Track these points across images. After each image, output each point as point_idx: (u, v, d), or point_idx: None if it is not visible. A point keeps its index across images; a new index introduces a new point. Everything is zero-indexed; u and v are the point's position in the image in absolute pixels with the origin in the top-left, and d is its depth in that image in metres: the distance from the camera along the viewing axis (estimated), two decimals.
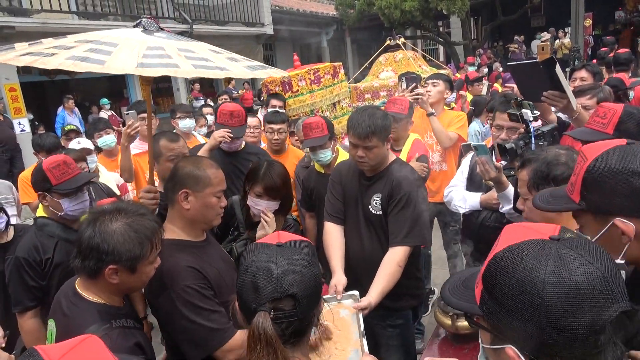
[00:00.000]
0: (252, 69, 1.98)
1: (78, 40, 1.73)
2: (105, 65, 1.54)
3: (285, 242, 1.18)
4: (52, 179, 2.34)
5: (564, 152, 1.66)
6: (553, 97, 2.32)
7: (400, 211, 2.29)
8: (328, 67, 5.15)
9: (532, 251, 0.81)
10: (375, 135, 2.25)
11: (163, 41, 1.83)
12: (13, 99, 9.16)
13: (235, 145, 3.15)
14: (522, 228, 0.89)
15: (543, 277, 0.77)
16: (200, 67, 1.73)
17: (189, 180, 1.84)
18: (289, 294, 1.10)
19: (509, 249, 0.84)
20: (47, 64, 1.53)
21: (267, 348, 1.07)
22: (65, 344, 0.84)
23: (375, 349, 2.55)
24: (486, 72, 11.91)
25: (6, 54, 1.64)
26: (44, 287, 2.35)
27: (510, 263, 0.82)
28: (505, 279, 0.81)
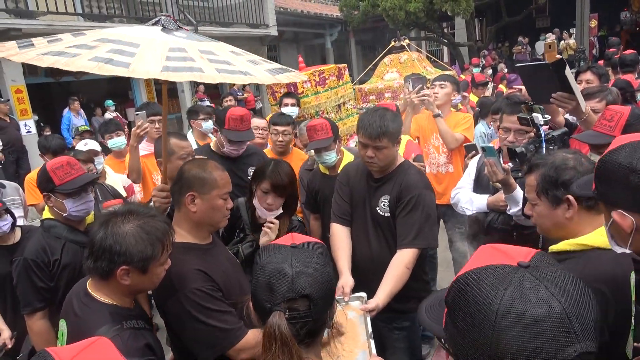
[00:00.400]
0: (273, 73, 1.97)
1: (99, 39, 1.71)
2: (130, 69, 1.53)
3: (300, 244, 1.19)
4: (55, 180, 2.35)
5: (571, 156, 1.63)
6: (562, 99, 2.30)
7: (409, 213, 2.29)
8: (333, 69, 5.16)
9: (492, 277, 0.76)
10: (386, 136, 2.25)
11: (184, 42, 1.82)
12: (19, 100, 9.21)
13: (240, 151, 3.11)
14: (495, 251, 0.84)
15: (497, 307, 0.72)
16: (224, 71, 1.72)
17: (196, 182, 1.85)
18: (304, 295, 1.11)
19: (470, 272, 0.79)
20: (71, 65, 1.51)
21: (283, 348, 1.08)
22: (75, 346, 0.85)
23: (382, 351, 2.54)
24: (490, 73, 11.88)
25: (26, 52, 1.62)
26: (52, 288, 2.37)
27: (468, 288, 0.77)
28: (462, 305, 0.76)
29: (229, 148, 3.04)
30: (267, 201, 2.36)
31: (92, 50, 1.60)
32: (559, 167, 1.57)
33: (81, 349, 0.83)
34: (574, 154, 1.65)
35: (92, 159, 3.63)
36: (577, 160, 1.59)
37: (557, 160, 1.60)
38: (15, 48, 1.67)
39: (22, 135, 9.06)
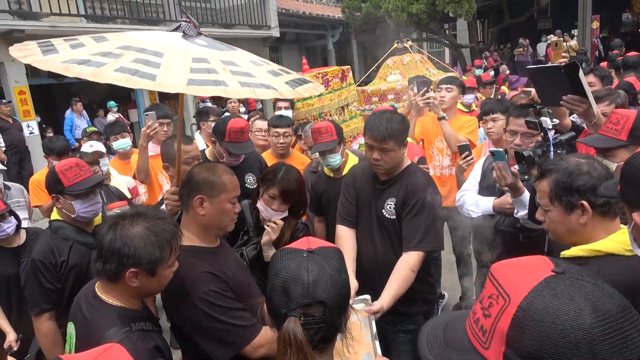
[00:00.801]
0: (293, 86, 1.96)
1: (122, 46, 1.69)
2: (157, 82, 1.53)
3: (316, 249, 1.19)
4: (64, 181, 2.37)
5: (584, 161, 1.60)
6: (573, 102, 2.30)
7: (415, 216, 2.30)
8: (336, 71, 5.16)
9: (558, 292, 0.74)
10: (392, 138, 2.25)
11: (206, 51, 1.81)
12: (22, 101, 9.22)
13: (239, 161, 3.09)
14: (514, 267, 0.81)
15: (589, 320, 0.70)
16: (247, 84, 1.71)
17: (205, 186, 1.85)
18: (319, 301, 1.11)
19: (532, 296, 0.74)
20: (98, 76, 1.50)
21: (298, 353, 1.08)
22: (88, 354, 0.85)
23: (387, 354, 2.55)
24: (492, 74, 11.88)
25: (52, 59, 1.59)
26: (59, 290, 2.38)
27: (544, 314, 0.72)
28: (544, 332, 0.71)
29: (229, 159, 3.02)
30: (272, 206, 2.37)
31: (117, 59, 1.59)
32: (573, 173, 1.56)
33: (95, 356, 0.83)
34: (586, 158, 1.63)
35: (97, 161, 3.64)
36: (591, 165, 1.58)
37: (570, 166, 1.58)
38: (38, 53, 1.64)
39: (25, 136, 9.07)
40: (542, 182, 1.65)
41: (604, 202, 1.51)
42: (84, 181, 2.40)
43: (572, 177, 1.55)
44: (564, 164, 1.61)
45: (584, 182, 1.53)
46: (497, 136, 3.31)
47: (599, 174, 1.54)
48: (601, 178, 1.53)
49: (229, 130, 2.94)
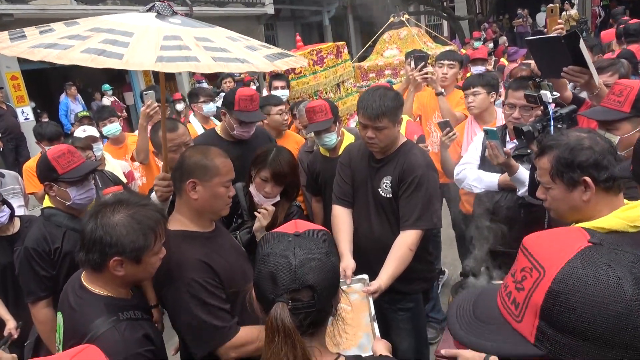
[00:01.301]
0: (271, 59, 1.91)
1: (92, 28, 1.66)
2: (123, 60, 1.49)
3: (303, 232, 1.15)
4: (58, 169, 2.33)
5: (586, 135, 1.53)
6: (574, 73, 2.23)
7: (412, 194, 2.26)
8: (331, 47, 5.06)
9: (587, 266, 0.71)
10: (386, 116, 2.20)
11: (179, 29, 1.76)
12: (15, 87, 9.13)
13: (250, 132, 2.99)
14: (548, 239, 0.79)
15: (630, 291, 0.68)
16: (220, 59, 1.67)
17: (197, 169, 1.81)
18: (307, 285, 1.08)
19: (569, 268, 0.72)
20: (63, 58, 1.47)
21: (286, 339, 1.05)
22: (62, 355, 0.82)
23: (386, 332, 2.55)
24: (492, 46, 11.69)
25: (18, 45, 1.56)
26: (55, 277, 2.36)
27: (581, 285, 0.70)
28: (582, 305, 0.70)
29: (240, 130, 2.91)
30: (265, 189, 2.32)
31: (85, 41, 1.55)
32: (575, 148, 1.50)
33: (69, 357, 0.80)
34: (588, 132, 1.58)
35: (90, 146, 3.59)
36: (593, 139, 1.52)
37: (571, 141, 1.53)
38: (7, 40, 1.62)
39: (20, 122, 9.00)
40: (542, 159, 1.59)
41: (607, 177, 1.46)
42: (78, 168, 2.36)
43: (574, 152, 1.49)
44: (565, 139, 1.55)
45: (586, 158, 1.47)
46: (477, 110, 3.25)
47: (602, 148, 1.49)
48: (604, 152, 1.48)
49: (237, 99, 2.87)
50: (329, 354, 1.17)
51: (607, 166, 1.46)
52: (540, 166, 1.61)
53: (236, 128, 2.90)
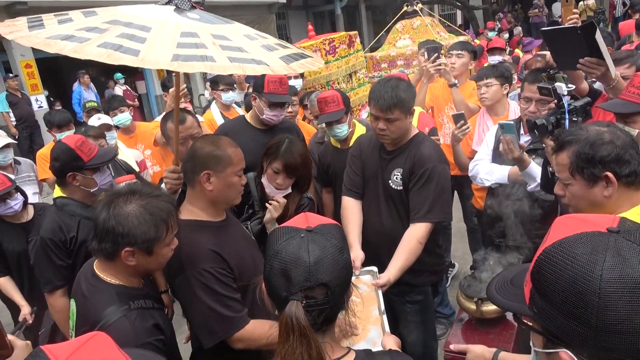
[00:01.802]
0: (287, 61, 1.89)
1: (110, 20, 1.65)
2: (139, 58, 1.48)
3: (315, 227, 1.14)
4: (83, 157, 2.36)
5: (605, 129, 1.50)
6: (591, 64, 2.19)
7: (422, 187, 2.24)
8: (343, 37, 5.01)
9: (587, 245, 0.74)
10: (398, 107, 2.18)
11: (197, 25, 1.75)
12: (29, 75, 9.21)
13: (280, 118, 2.95)
14: (576, 220, 0.81)
15: (599, 273, 0.69)
16: (236, 60, 1.66)
17: (210, 161, 1.81)
18: (322, 283, 1.07)
19: (560, 243, 0.76)
20: (79, 52, 1.45)
21: (301, 339, 1.04)
22: (72, 343, 0.82)
23: (394, 324, 2.55)
24: (507, 37, 11.51)
25: (36, 35, 1.55)
26: (71, 265, 2.39)
27: (561, 259, 0.74)
28: (556, 276, 0.74)
29: (269, 114, 2.84)
30: (276, 180, 2.32)
31: (102, 34, 1.54)
32: (595, 143, 1.46)
33: (78, 346, 0.80)
34: (607, 126, 1.53)
35: (103, 134, 3.62)
36: (613, 133, 1.48)
37: (591, 135, 1.49)
38: (25, 29, 1.61)
39: (34, 110, 9.10)
40: (560, 154, 1.55)
41: (629, 171, 1.43)
42: (98, 155, 2.42)
43: (595, 147, 1.45)
44: (584, 133, 1.51)
45: (607, 152, 1.44)
46: (490, 102, 3.20)
47: (623, 142, 1.45)
48: (625, 146, 1.44)
49: (267, 81, 2.86)
50: (340, 349, 1.17)
51: (629, 160, 1.43)
52: (558, 162, 1.57)
53: (265, 112, 2.85)
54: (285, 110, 2.98)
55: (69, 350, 0.80)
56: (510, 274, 0.97)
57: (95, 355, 0.80)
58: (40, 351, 0.80)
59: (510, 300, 0.90)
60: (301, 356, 1.04)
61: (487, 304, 2.11)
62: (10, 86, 8.69)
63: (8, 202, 2.92)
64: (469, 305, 2.20)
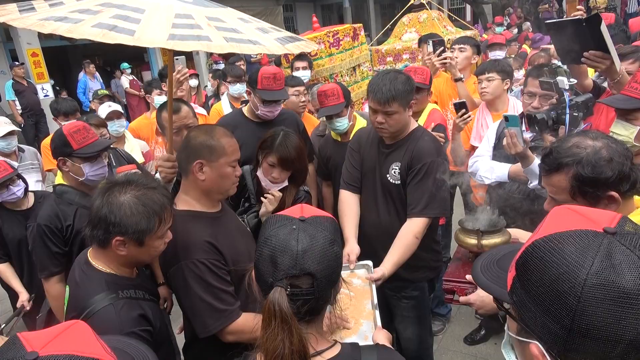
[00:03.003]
0: (282, 42, 1.88)
1: (103, 3, 1.65)
2: (135, 37, 1.47)
3: (309, 217, 1.14)
4: (73, 144, 2.35)
5: (600, 144, 1.42)
6: (595, 58, 2.14)
7: (420, 181, 2.22)
8: (348, 29, 4.97)
9: (577, 244, 0.70)
10: (396, 100, 2.15)
11: (191, 7, 1.75)
12: (35, 64, 9.23)
13: (275, 114, 2.91)
14: (573, 213, 0.78)
15: (584, 277, 0.67)
16: (232, 40, 1.66)
17: (203, 150, 1.80)
18: (308, 272, 1.07)
19: (550, 237, 0.74)
20: (74, 32, 1.46)
21: (282, 325, 1.04)
22: (49, 331, 0.82)
23: (390, 320, 2.54)
24: (516, 32, 11.38)
25: (27, 17, 1.55)
26: (67, 253, 2.41)
27: (549, 254, 0.72)
28: (540, 271, 0.72)
29: (263, 110, 2.81)
30: (272, 174, 2.30)
31: (95, 15, 1.54)
32: (597, 165, 1.39)
33: (56, 334, 0.80)
34: (599, 139, 1.45)
35: (105, 124, 3.63)
36: (608, 147, 1.41)
37: (589, 155, 1.40)
38: (16, 12, 1.61)
39: (40, 99, 9.13)
40: (556, 176, 1.47)
41: (630, 185, 1.40)
42: (92, 144, 2.39)
43: (597, 169, 1.39)
44: (581, 152, 1.42)
45: (611, 173, 1.38)
46: (490, 97, 3.16)
47: (620, 155, 1.40)
48: (623, 159, 1.39)
49: (260, 77, 2.81)
50: (325, 342, 1.16)
51: (629, 174, 1.39)
52: (553, 184, 1.49)
53: (260, 107, 2.83)
54: (280, 105, 2.93)
55: (46, 339, 0.79)
56: (498, 254, 0.96)
57: (72, 343, 0.80)
58: (17, 339, 0.79)
59: (493, 282, 0.88)
60: (282, 342, 1.03)
61: (488, 237, 1.96)
62: (16, 74, 8.72)
63: (11, 188, 2.96)
64: (468, 241, 2.03)
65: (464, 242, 2.04)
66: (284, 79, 2.98)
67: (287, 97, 3.07)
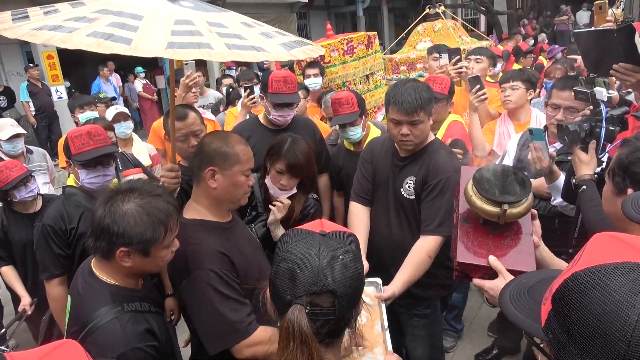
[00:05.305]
0: (287, 48, 1.81)
1: (99, 10, 1.59)
2: (132, 46, 1.41)
3: (330, 232, 1.07)
4: (72, 148, 2.32)
5: None
6: (625, 71, 2.04)
7: (435, 197, 2.13)
8: (362, 37, 4.92)
9: (626, 279, 0.63)
10: (423, 108, 2.07)
11: (191, 13, 1.69)
12: (51, 66, 9.30)
13: (287, 119, 2.85)
14: (617, 242, 0.70)
15: (636, 318, 0.60)
16: (235, 47, 1.59)
17: (217, 157, 1.73)
18: (329, 290, 0.99)
19: (594, 270, 0.66)
20: (67, 42, 1.40)
21: (302, 347, 0.96)
22: (37, 351, 0.76)
23: (400, 337, 2.45)
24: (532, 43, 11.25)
25: (20, 27, 1.50)
26: (70, 255, 2.37)
27: (592, 290, 0.65)
28: (582, 309, 0.65)
29: (275, 114, 2.77)
30: (280, 181, 2.24)
31: (91, 23, 1.48)
32: (634, 156, 1.40)
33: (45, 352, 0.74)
34: None
35: (112, 127, 3.60)
36: None
37: None
38: (9, 21, 1.56)
39: (54, 101, 9.20)
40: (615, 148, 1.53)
41: None
42: (90, 151, 2.32)
43: (630, 158, 1.40)
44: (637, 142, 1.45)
45: (639, 170, 1.37)
46: (514, 105, 3.10)
47: None
48: None
49: (271, 81, 2.77)
50: None
51: None
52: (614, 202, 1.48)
53: (272, 112, 2.77)
54: (293, 109, 2.86)
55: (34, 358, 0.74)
56: (529, 281, 0.89)
57: None
58: (3, 358, 0.73)
59: (524, 314, 0.81)
60: None
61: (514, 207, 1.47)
62: (31, 76, 8.81)
63: (28, 186, 3.00)
64: (490, 209, 1.49)
65: (483, 209, 1.50)
66: (296, 83, 2.92)
67: (299, 100, 2.99)
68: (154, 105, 11.70)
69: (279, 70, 2.97)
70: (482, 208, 1.51)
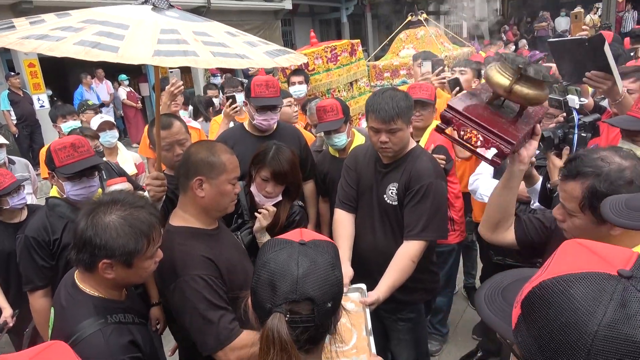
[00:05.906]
0: (272, 56, 1.85)
1: (85, 20, 1.62)
2: (119, 54, 1.43)
3: (309, 241, 1.09)
4: (56, 161, 2.30)
5: (628, 164, 1.36)
6: (597, 78, 2.12)
7: (418, 203, 2.17)
8: (345, 45, 4.98)
9: (589, 289, 0.64)
10: (400, 117, 2.11)
11: (177, 22, 1.72)
12: (32, 74, 9.19)
13: (271, 123, 2.84)
14: (585, 250, 0.72)
15: (595, 328, 0.61)
16: (220, 54, 1.62)
17: (204, 167, 1.76)
18: (308, 297, 1.01)
19: (559, 279, 0.68)
20: (55, 50, 1.42)
21: (282, 353, 0.99)
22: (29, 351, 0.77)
23: (385, 341, 2.48)
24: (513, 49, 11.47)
25: (7, 36, 1.51)
26: (54, 267, 2.35)
27: (557, 298, 0.66)
28: (547, 316, 0.66)
29: (259, 119, 2.77)
30: (266, 189, 2.26)
31: (78, 33, 1.50)
32: (614, 182, 1.33)
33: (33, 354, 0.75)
34: (630, 160, 1.39)
35: (97, 135, 3.59)
36: (635, 170, 1.35)
37: (612, 172, 1.35)
38: None
39: (36, 109, 9.08)
40: (571, 183, 1.42)
41: None
42: (75, 164, 2.30)
43: (613, 187, 1.33)
44: (604, 166, 1.36)
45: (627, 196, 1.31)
46: None
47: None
48: None
49: (253, 85, 2.79)
50: None
51: None
52: (566, 189, 1.45)
53: (255, 117, 2.79)
54: (277, 113, 2.88)
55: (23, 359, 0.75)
56: (505, 281, 0.91)
57: None
58: None
59: (498, 316, 0.83)
60: None
61: (523, 84, 1.52)
62: (12, 84, 8.69)
63: (21, 193, 2.99)
64: (498, 79, 1.57)
65: (492, 78, 1.58)
66: (279, 88, 2.94)
67: (281, 103, 3.01)
68: (138, 113, 11.62)
69: (260, 76, 2.99)
70: (493, 76, 1.59)
